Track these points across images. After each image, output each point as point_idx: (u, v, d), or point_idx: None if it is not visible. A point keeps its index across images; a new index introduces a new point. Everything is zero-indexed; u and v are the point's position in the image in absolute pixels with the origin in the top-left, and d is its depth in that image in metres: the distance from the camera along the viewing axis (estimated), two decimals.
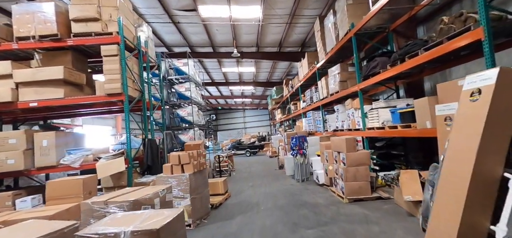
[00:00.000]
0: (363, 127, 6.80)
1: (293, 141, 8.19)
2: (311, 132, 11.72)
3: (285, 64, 16.97)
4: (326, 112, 10.44)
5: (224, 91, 24.94)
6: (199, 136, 11.39)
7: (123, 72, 5.44)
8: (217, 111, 35.15)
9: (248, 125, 35.30)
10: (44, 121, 7.62)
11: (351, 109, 7.64)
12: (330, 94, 9.02)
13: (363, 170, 5.48)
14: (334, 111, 10.02)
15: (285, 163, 9.69)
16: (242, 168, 12.37)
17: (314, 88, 11.17)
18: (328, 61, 9.40)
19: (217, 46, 13.65)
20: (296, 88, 14.21)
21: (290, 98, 16.51)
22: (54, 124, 18.47)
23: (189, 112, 10.79)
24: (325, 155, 6.52)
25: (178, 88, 10.86)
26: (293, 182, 8.05)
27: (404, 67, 4.91)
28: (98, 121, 20.34)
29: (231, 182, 8.88)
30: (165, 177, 4.95)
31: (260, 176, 9.84)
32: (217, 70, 17.93)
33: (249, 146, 18.07)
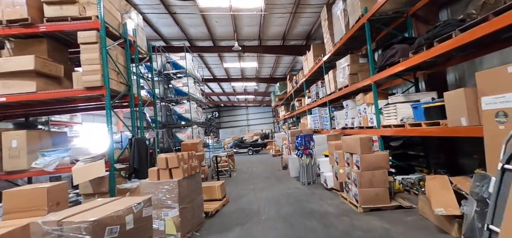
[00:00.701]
0: (378, 124, 5.99)
1: (298, 140, 7.41)
2: (317, 129, 10.92)
3: (289, 59, 16.15)
4: (333, 109, 9.63)
5: (226, 88, 24.21)
6: (198, 134, 10.68)
7: (103, 63, 4.71)
8: (220, 108, 34.47)
9: (251, 122, 34.56)
10: (25, 118, 6.96)
11: (362, 105, 6.83)
12: (339, 89, 8.21)
13: (380, 174, 4.68)
14: (343, 108, 9.20)
15: (289, 163, 8.92)
16: (243, 167, 11.63)
17: (320, 83, 10.35)
18: (336, 54, 8.59)
19: (217, 40, 12.89)
20: (300, 84, 13.40)
21: (294, 94, 15.69)
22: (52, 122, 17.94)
23: (186, 109, 10.07)
24: (335, 156, 5.73)
25: (175, 84, 10.14)
26: (298, 185, 7.28)
27: (432, 54, 4.09)
28: (99, 118, 19.74)
29: (230, 184, 8.16)
30: (150, 184, 4.23)
31: (262, 177, 9.09)
32: (218, 66, 17.17)
33: (251, 144, 17.33)
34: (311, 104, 11.55)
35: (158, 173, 4.30)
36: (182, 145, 8.63)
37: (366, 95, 6.63)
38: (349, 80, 7.39)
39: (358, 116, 7.14)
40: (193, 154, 4.84)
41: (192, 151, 8.77)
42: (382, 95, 6.28)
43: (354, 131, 7.33)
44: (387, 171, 4.73)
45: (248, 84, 21.90)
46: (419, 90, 6.24)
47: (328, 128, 9.69)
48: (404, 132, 5.03)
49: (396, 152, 6.41)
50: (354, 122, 7.46)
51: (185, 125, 10.31)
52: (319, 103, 10.49)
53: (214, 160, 7.14)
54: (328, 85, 9.15)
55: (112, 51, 5.09)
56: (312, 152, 7.32)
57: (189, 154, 4.67)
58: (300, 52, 13.17)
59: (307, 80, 12.45)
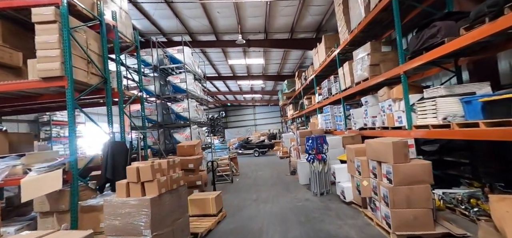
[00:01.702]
0: (408, 124, 4.77)
1: (308, 143, 6.25)
2: (329, 130, 9.70)
3: (297, 54, 14.93)
4: (348, 107, 8.39)
5: (233, 86, 23.17)
6: (197, 135, 9.65)
7: (65, 47, 3.70)
8: (227, 108, 33.51)
9: (258, 122, 33.44)
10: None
11: (387, 100, 5.60)
12: (356, 83, 6.98)
13: (420, 191, 3.48)
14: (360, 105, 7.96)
15: (298, 168, 7.76)
16: (247, 171, 10.52)
17: (333, 78, 9.13)
18: (352, 43, 7.38)
19: (220, 33, 11.83)
20: (310, 80, 12.18)
21: (303, 92, 14.47)
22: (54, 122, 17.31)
23: (184, 107, 9.05)
24: (356, 164, 4.54)
25: (173, 80, 9.13)
26: (309, 196, 6.12)
27: (501, 26, 2.87)
28: (104, 117, 19.10)
29: (231, 192, 7.08)
30: (115, 203, 3.17)
31: (267, 183, 7.96)
32: (223, 63, 16.14)
33: (257, 145, 16.20)
34: (322, 102, 10.34)
35: (128, 187, 3.25)
36: (178, 148, 7.61)
37: (392, 89, 5.41)
38: (369, 73, 6.17)
39: (381, 114, 5.91)
40: (175, 162, 3.76)
41: (189, 154, 7.76)
42: (414, 88, 5.04)
43: (376, 132, 6.10)
44: (430, 186, 3.52)
45: (255, 82, 20.79)
46: (462, 81, 4.97)
47: (342, 128, 8.46)
48: (450, 134, 3.80)
49: (430, 158, 5.15)
50: (375, 121, 6.23)
51: (183, 124, 9.30)
52: (331, 100, 9.27)
53: (209, 166, 6.06)
54: (343, 80, 7.93)
55: (80, 34, 4.08)
56: (325, 156, 6.13)
57: (170, 163, 3.59)
58: (310, 46, 11.94)
59: (317, 75, 11.23)
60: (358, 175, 4.48)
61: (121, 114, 4.97)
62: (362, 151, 4.62)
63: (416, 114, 4.72)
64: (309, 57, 15.06)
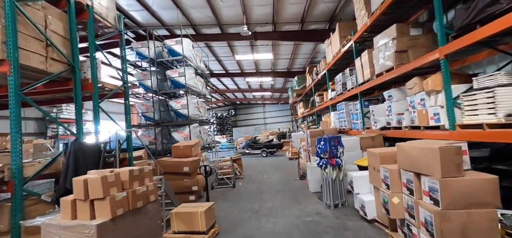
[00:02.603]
0: (450, 123, 3.66)
1: (320, 145, 5.21)
2: (343, 129, 8.58)
3: (308, 47, 13.80)
4: (366, 103, 7.26)
5: (241, 84, 22.28)
6: (198, 134, 8.79)
7: (7, 23, 2.88)
8: (236, 106, 32.68)
9: (268, 120, 32.40)
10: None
11: (418, 94, 4.50)
12: (377, 74, 5.86)
13: (483, 218, 2.41)
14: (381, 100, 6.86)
15: (308, 173, 6.73)
16: (253, 173, 9.56)
17: (349, 71, 8.00)
18: (371, 30, 6.28)
19: (225, 25, 10.89)
20: (322, 75, 11.05)
21: (315, 88, 13.34)
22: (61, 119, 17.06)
23: (184, 104, 8.20)
24: (383, 174, 3.48)
25: (171, 74, 8.31)
26: (320, 208, 5.09)
27: None
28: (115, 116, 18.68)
29: (230, 200, 6.16)
30: (56, 228, 2.30)
31: (273, 190, 6.98)
32: (230, 59, 15.22)
33: (265, 144, 15.20)
34: (336, 99, 9.22)
35: (74, 206, 2.37)
36: (173, 148, 6.78)
37: (426, 79, 4.29)
38: (394, 61, 5.07)
39: (410, 111, 4.79)
40: (143, 172, 2.85)
41: (185, 155, 6.90)
42: (457, 77, 3.91)
43: (403, 132, 4.99)
44: (497, 211, 2.44)
45: (264, 79, 19.79)
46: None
47: (359, 127, 7.34)
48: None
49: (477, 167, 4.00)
50: (401, 119, 5.11)
51: (182, 123, 8.46)
52: (346, 96, 8.15)
53: (203, 172, 5.11)
54: (360, 72, 6.81)
55: (36, 10, 3.26)
56: (340, 161, 5.08)
57: (134, 173, 2.69)
58: (322, 37, 10.82)
59: (330, 69, 10.10)
60: (385, 188, 3.42)
61: (96, 110, 4.14)
62: (389, 157, 3.56)
63: (461, 110, 3.60)
64: (321, 51, 13.91)
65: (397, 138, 5.57)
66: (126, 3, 8.76)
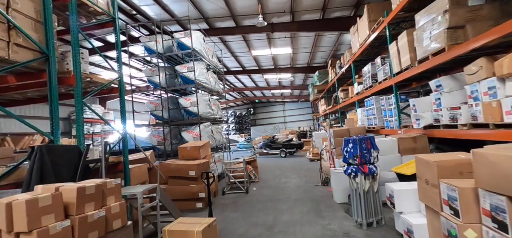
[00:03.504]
0: None
1: (348, 147, 4.18)
2: (373, 128, 7.39)
3: (330, 39, 12.56)
4: (403, 97, 6.05)
5: (259, 81, 21.42)
6: (210, 133, 8.06)
7: None
8: (255, 104, 31.90)
9: (288, 119, 31.25)
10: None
11: (484, 80, 3.32)
12: (420, 60, 4.68)
13: None
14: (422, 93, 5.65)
15: (333, 179, 5.67)
16: (269, 177, 8.65)
17: (380, 60, 6.80)
18: (409, 8, 5.15)
19: (239, 17, 10.06)
20: (347, 67, 9.83)
21: (338, 83, 12.10)
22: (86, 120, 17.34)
23: (194, 101, 7.51)
24: (446, 192, 2.40)
25: (180, 69, 7.66)
26: (349, 226, 4.07)
27: None
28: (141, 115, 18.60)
29: (240, 209, 5.32)
30: None
31: (291, 197, 6.03)
32: (246, 55, 14.40)
33: (284, 144, 14.18)
34: (364, 93, 8.01)
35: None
36: (179, 150, 6.09)
37: (499, 60, 3.11)
38: (445, 41, 3.90)
39: (470, 104, 3.61)
40: (107, 186, 2.07)
41: (193, 157, 6.16)
42: None
43: (459, 132, 3.82)
44: None
45: (283, 76, 18.75)
46: None
47: (394, 126, 6.14)
48: None
49: None
50: (456, 115, 3.92)
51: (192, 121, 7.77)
52: (377, 89, 6.95)
53: (204, 180, 4.27)
54: (396, 60, 5.62)
55: None
56: (375, 169, 4.01)
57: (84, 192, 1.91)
58: (347, 25, 9.60)
59: (356, 61, 8.89)
60: (450, 213, 2.35)
61: (79, 108, 3.48)
62: (453, 168, 2.48)
63: None
64: (345, 43, 12.62)
65: (448, 140, 4.38)
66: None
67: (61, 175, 2.89)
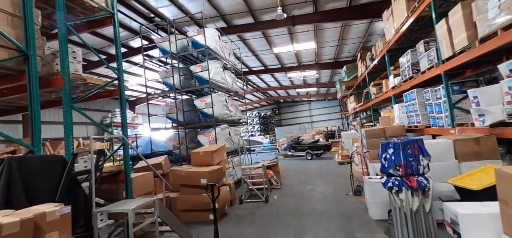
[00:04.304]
0: None
1: (388, 153, 3.24)
2: (415, 126, 6.21)
3: (359, 29, 11.30)
4: (456, 88, 4.85)
5: (283, 80, 20.52)
6: (227, 136, 7.48)
7: None
8: (280, 104, 30.99)
9: (315, 118, 29.81)
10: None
11: None
12: (482, 39, 3.56)
13: None
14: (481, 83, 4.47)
15: (367, 190, 4.68)
16: (293, 183, 7.80)
17: (423, 45, 5.63)
18: None
19: (258, 11, 9.37)
20: (380, 58, 8.61)
21: (369, 78, 10.82)
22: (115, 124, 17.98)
23: (209, 102, 6.99)
24: None
25: (194, 69, 7.19)
26: None
27: None
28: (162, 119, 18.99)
29: (256, 223, 4.60)
30: None
31: (316, 210, 5.17)
32: (267, 53, 13.67)
33: (310, 145, 13.13)
34: (402, 86, 6.82)
35: None
36: (192, 155, 5.57)
37: None
38: None
39: None
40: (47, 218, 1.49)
41: (206, 163, 5.59)
42: None
43: None
44: None
45: (307, 73, 17.64)
46: None
47: (444, 124, 4.97)
48: None
49: None
50: None
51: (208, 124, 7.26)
52: (419, 81, 5.78)
53: (209, 193, 3.62)
54: (446, 41, 4.48)
55: None
56: (426, 182, 3.02)
57: None
58: (378, 11, 8.40)
59: (391, 50, 7.68)
60: None
61: (67, 113, 3.06)
62: None
63: None
64: (377, 32, 11.28)
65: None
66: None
67: (37, 193, 2.45)
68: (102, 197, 4.00)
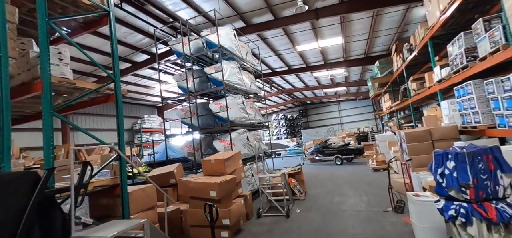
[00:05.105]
0: None
1: (448, 168, 2.28)
2: (471, 127, 4.95)
3: (393, 18, 9.95)
4: None
5: (309, 80, 19.40)
6: (245, 141, 6.84)
7: None
8: (306, 106, 29.68)
9: (344, 119, 27.98)
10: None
11: None
12: None
13: None
14: None
15: (413, 210, 3.63)
16: (319, 193, 6.86)
17: (483, 24, 4.41)
18: None
19: (277, 6, 8.65)
20: (421, 47, 7.30)
21: (407, 72, 9.42)
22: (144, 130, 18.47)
23: (224, 105, 6.44)
24: None
25: (208, 70, 6.70)
26: None
27: None
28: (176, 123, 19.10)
29: None
30: None
31: (346, 231, 4.24)
32: (290, 52, 12.83)
33: (339, 150, 11.88)
34: (452, 78, 5.55)
35: None
36: (203, 164, 5.03)
37: None
38: None
39: None
40: None
41: (218, 173, 4.99)
42: None
43: None
44: None
45: (335, 72, 16.38)
46: None
47: None
48: None
49: None
50: None
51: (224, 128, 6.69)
52: (476, 70, 4.56)
53: (207, 215, 2.98)
54: None
55: None
56: (511, 213, 2.03)
57: None
58: None
59: (436, 36, 6.40)
60: None
61: (47, 122, 2.67)
62: None
63: None
64: (415, 20, 9.85)
65: None
66: (172, 2, 7.76)
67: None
68: (100, 213, 3.60)
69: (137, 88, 15.25)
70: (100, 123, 16.21)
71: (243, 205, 4.98)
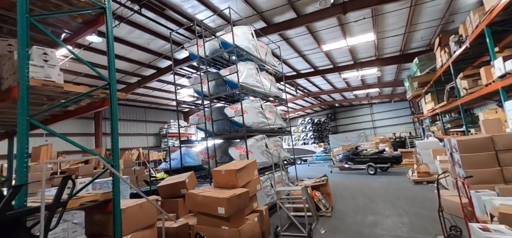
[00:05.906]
0: None
1: None
2: None
3: (435, 8, 8.60)
4: None
5: (337, 82, 18.13)
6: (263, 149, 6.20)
7: None
8: (335, 109, 28.03)
9: (378, 123, 25.81)
10: None
11: None
12: None
13: None
14: None
15: None
16: (348, 209, 5.90)
17: None
18: None
19: (298, 2, 7.94)
20: (474, 38, 6.00)
21: (454, 68, 7.98)
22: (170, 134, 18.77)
23: (239, 109, 5.89)
24: None
25: (223, 73, 6.23)
26: None
27: None
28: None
29: None
30: None
31: None
32: (316, 52, 11.93)
33: (373, 157, 10.54)
34: None
35: None
36: (213, 174, 4.51)
37: None
38: None
39: None
40: None
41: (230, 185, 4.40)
42: None
43: None
44: None
45: (366, 72, 14.99)
46: None
47: None
48: None
49: None
50: None
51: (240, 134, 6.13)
52: None
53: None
54: None
55: None
56: None
57: None
58: None
59: (494, 23, 5.15)
60: None
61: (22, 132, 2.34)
62: None
63: None
64: (463, 8, 8.39)
65: None
66: (190, 5, 7.53)
67: None
68: (95, 230, 3.24)
69: (162, 94, 15.52)
70: (127, 128, 16.79)
71: (257, 223, 4.32)
